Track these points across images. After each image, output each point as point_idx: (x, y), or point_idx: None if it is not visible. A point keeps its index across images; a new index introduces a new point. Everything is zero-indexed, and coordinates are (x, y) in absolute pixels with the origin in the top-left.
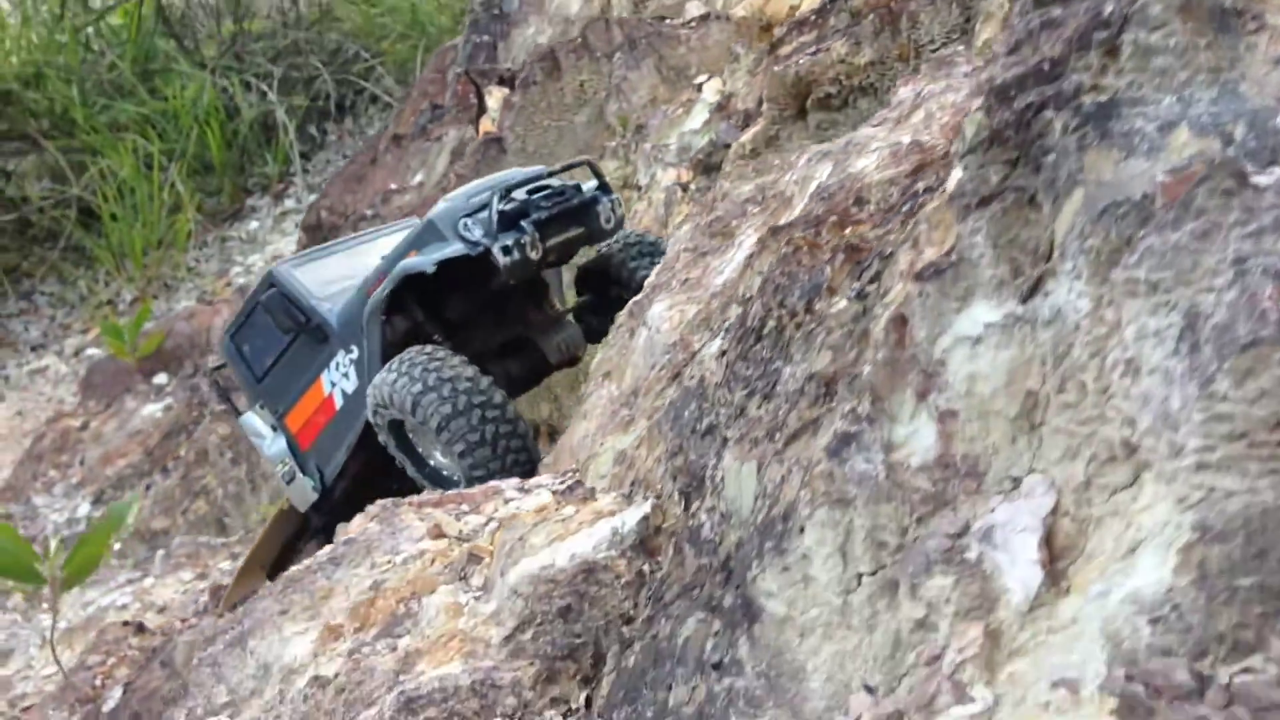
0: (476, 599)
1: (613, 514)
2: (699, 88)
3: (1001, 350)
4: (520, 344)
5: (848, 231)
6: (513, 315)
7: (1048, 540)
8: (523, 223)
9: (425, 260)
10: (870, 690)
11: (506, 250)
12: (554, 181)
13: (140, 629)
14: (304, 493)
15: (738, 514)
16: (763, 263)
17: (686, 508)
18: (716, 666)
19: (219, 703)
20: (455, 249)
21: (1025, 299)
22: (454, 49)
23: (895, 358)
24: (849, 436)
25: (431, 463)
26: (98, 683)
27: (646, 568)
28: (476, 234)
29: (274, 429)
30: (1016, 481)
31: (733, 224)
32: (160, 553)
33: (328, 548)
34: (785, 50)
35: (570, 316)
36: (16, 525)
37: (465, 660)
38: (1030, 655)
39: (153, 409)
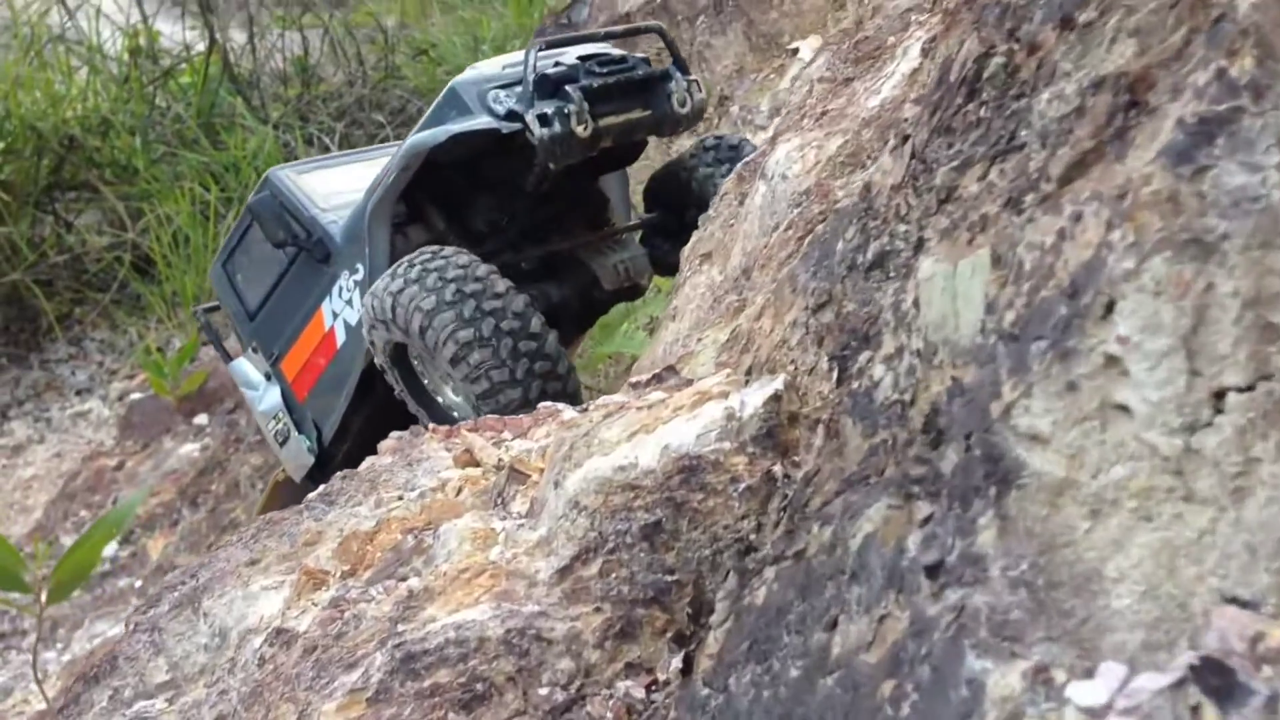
0: (519, 525)
1: (724, 395)
2: (794, 51)
3: None
4: (567, 265)
5: None
6: (559, 229)
7: None
8: (568, 88)
9: (439, 131)
10: (1245, 604)
11: (544, 120)
12: (613, 50)
13: None
14: (299, 455)
15: (951, 343)
16: (950, 44)
17: (842, 378)
18: (933, 572)
19: (155, 682)
20: (480, 122)
21: None
22: None
23: None
24: (1210, 125)
25: (440, 400)
26: None
27: (778, 469)
28: (506, 109)
29: (267, 377)
30: None
31: (889, 41)
32: None
33: (321, 487)
34: None
35: (636, 238)
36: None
37: (496, 603)
38: None
39: (190, 449)
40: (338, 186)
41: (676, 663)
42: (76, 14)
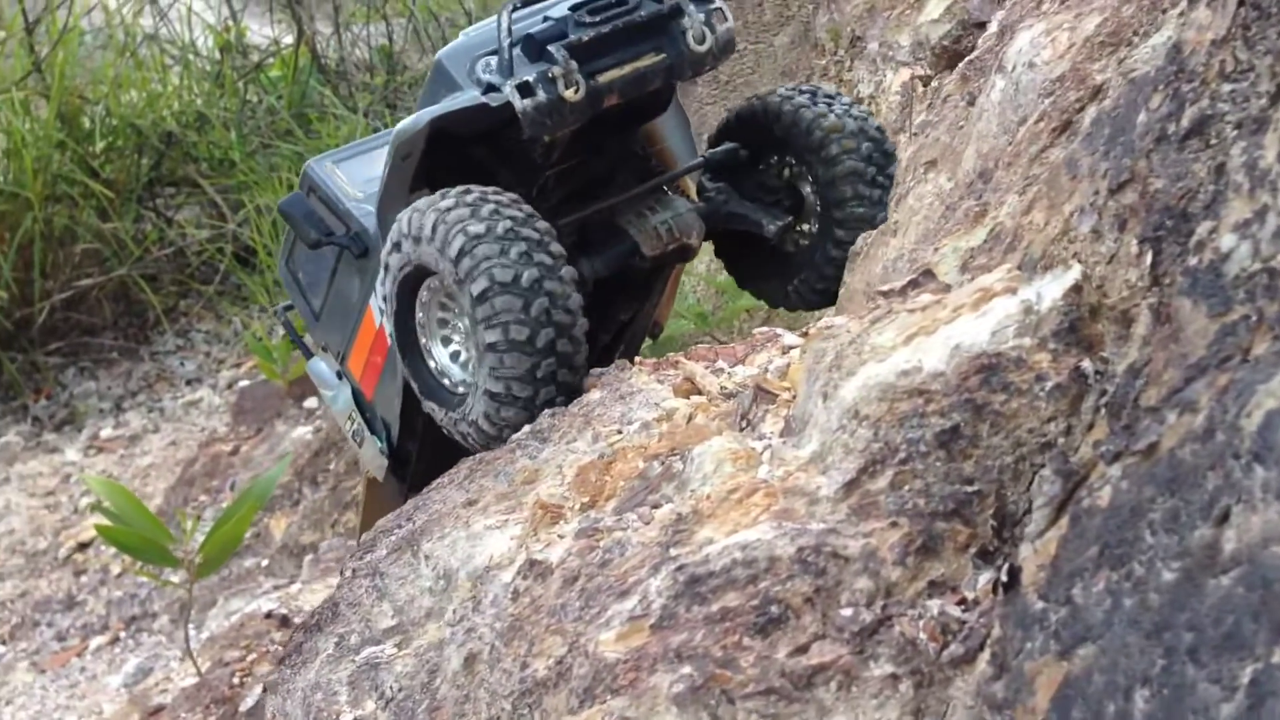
0: (781, 443)
1: (1011, 291)
2: None
3: None
4: (602, 235)
5: None
6: (602, 191)
7: None
8: (550, 48)
9: (421, 115)
10: None
11: (525, 90)
12: None
13: (284, 622)
14: (374, 456)
15: None
16: None
17: (1158, 260)
18: None
19: (381, 627)
20: (463, 100)
21: None
22: None
23: None
24: None
25: (430, 361)
26: (236, 680)
27: (1088, 365)
28: (489, 77)
29: (339, 377)
30: None
31: None
32: (309, 558)
33: (531, 424)
34: None
35: (682, 194)
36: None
37: (777, 522)
38: None
39: (303, 431)
40: (377, 170)
41: (987, 578)
42: (168, 13)
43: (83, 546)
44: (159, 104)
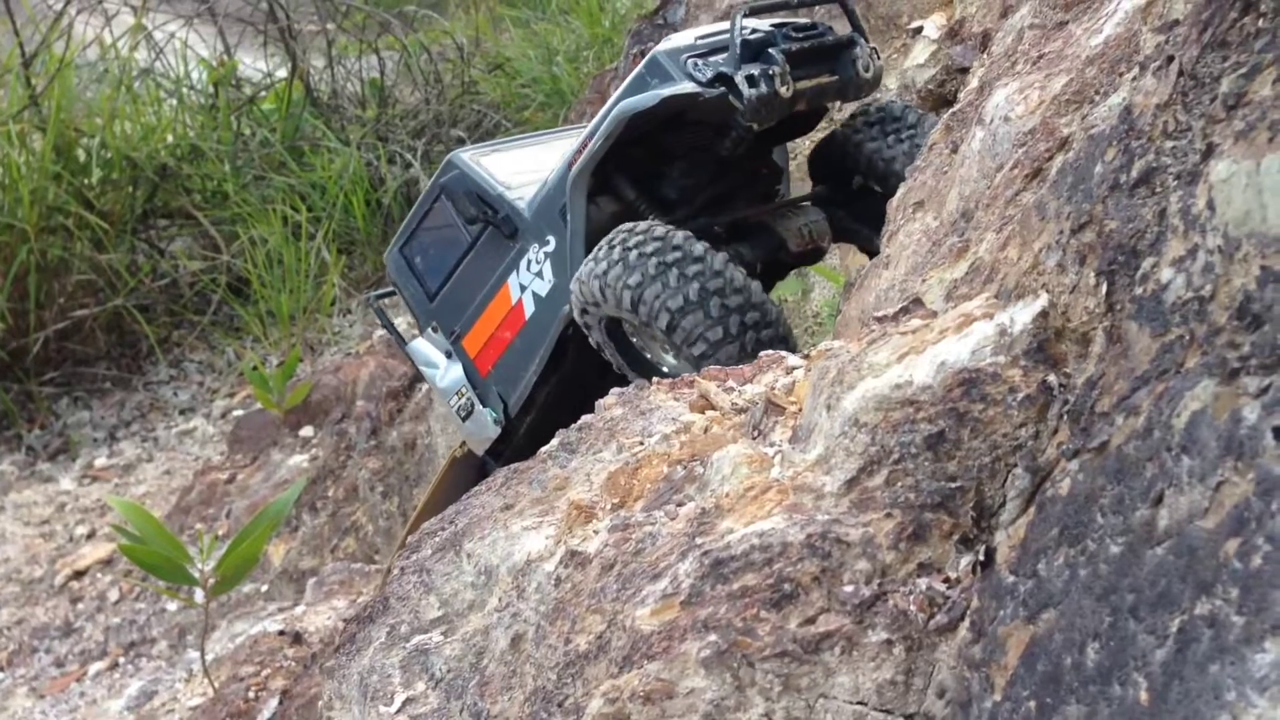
0: (791, 449)
1: (989, 316)
2: (915, 31)
3: None
4: (754, 230)
5: None
6: (740, 199)
7: None
8: (771, 50)
9: (648, 96)
10: None
11: (752, 81)
12: (800, 18)
13: (296, 639)
14: (483, 428)
15: (1258, 235)
16: None
17: (1112, 290)
18: None
19: (428, 618)
20: (687, 86)
21: None
22: (614, 71)
23: None
24: None
25: (664, 368)
26: (250, 694)
27: (1053, 379)
28: (709, 75)
29: (448, 355)
30: None
31: None
32: (312, 581)
33: (559, 435)
34: None
35: (811, 204)
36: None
37: (788, 514)
38: None
39: (299, 460)
40: (517, 167)
41: (967, 560)
42: (164, 48)
43: (79, 574)
44: (154, 137)
